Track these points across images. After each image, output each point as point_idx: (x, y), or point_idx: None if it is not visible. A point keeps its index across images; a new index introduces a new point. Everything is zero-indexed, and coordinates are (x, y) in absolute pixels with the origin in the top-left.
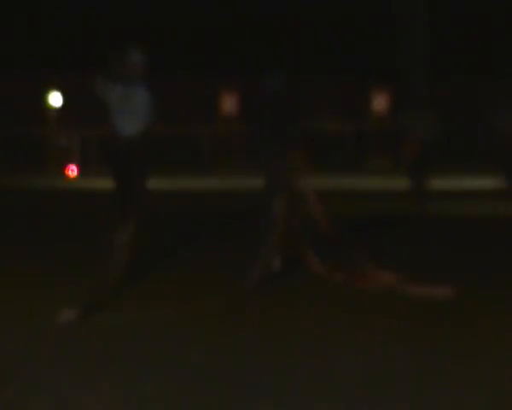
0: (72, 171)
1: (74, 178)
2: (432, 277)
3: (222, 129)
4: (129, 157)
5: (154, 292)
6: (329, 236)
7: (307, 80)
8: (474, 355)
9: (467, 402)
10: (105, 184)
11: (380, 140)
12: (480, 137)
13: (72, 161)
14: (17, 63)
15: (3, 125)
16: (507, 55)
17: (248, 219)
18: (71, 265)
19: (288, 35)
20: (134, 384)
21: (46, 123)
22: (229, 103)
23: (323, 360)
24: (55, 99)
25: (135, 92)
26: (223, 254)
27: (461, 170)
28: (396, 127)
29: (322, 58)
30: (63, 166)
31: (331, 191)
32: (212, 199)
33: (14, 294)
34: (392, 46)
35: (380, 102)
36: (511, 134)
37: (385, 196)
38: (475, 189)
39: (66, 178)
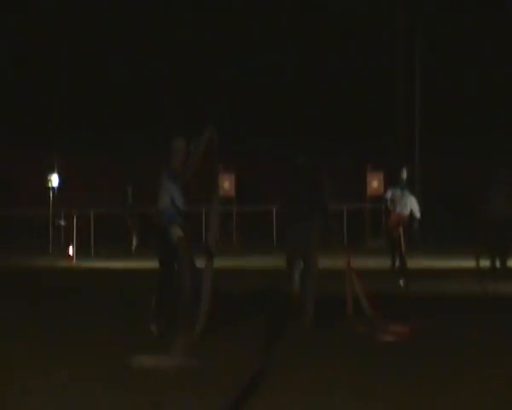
0: (71, 252)
1: (72, 259)
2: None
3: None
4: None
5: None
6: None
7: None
8: None
9: None
10: (103, 263)
11: (375, 220)
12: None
13: (70, 241)
14: (17, 145)
15: (3, 205)
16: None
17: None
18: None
19: (287, 119)
20: None
21: (45, 204)
22: (226, 184)
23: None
24: (53, 180)
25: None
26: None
27: (454, 249)
28: (384, 206)
29: (320, 141)
30: (62, 247)
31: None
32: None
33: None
34: (388, 127)
35: (375, 183)
36: (499, 216)
37: (380, 274)
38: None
39: (66, 258)
